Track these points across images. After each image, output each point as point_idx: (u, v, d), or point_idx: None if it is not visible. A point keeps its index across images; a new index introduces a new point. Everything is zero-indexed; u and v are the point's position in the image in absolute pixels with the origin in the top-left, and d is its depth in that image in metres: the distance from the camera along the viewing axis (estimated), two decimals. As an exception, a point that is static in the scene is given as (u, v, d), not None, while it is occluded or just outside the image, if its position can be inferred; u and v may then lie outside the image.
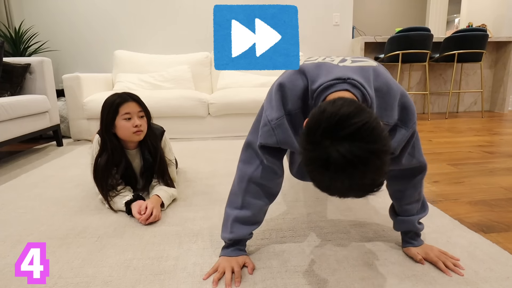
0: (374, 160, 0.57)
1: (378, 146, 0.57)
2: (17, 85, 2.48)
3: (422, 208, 1.03)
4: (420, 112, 4.48)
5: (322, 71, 0.80)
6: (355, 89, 0.75)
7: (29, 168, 2.07)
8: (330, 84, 0.75)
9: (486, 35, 3.72)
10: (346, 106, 0.60)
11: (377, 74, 0.82)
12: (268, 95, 0.90)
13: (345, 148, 0.56)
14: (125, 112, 1.37)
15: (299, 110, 0.85)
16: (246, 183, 0.96)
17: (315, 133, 0.60)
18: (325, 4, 3.84)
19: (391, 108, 0.82)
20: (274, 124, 0.85)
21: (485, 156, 2.21)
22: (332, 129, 0.58)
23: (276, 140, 0.86)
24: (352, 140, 0.57)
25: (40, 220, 1.33)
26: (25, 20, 3.60)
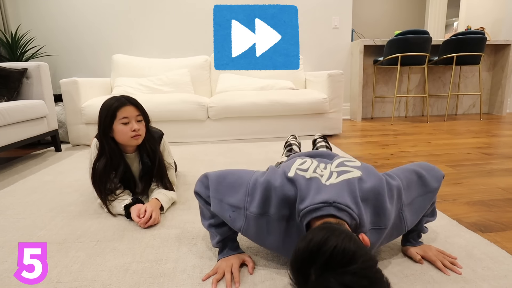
0: (359, 281, 0.57)
1: (357, 265, 0.58)
2: (14, 90, 2.48)
3: (432, 213, 1.04)
4: (419, 114, 4.49)
5: (311, 189, 0.82)
6: (341, 212, 0.77)
7: (27, 174, 2.07)
8: (316, 207, 0.78)
9: (485, 38, 3.74)
10: (315, 237, 0.62)
11: (362, 183, 0.85)
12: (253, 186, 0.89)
13: (329, 281, 0.57)
14: (123, 116, 1.37)
15: (283, 217, 0.86)
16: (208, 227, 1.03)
17: (297, 273, 0.62)
18: (324, 7, 3.87)
19: (383, 212, 0.85)
20: (250, 215, 0.87)
21: (483, 157, 2.21)
22: (308, 263, 0.60)
23: (242, 227, 0.89)
24: (330, 269, 0.58)
25: (39, 225, 1.33)
26: (21, 24, 3.60)
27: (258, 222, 0.88)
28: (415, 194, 0.93)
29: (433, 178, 0.96)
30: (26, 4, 3.59)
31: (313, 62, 4.00)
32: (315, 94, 3.03)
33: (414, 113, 4.49)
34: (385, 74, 4.30)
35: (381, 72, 4.29)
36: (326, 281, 0.58)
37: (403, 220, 0.90)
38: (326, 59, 4.03)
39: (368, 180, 0.86)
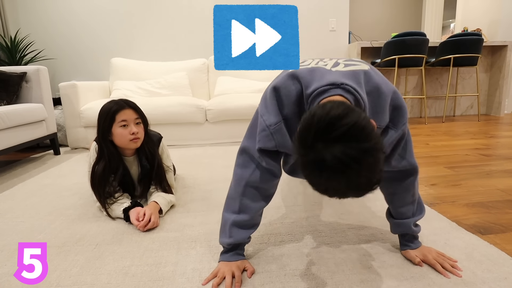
0: (367, 159, 0.58)
1: (370, 144, 0.58)
2: (13, 94, 2.48)
3: (419, 210, 1.03)
4: (417, 116, 4.50)
5: (315, 76, 0.81)
6: (349, 94, 0.76)
7: (26, 177, 2.06)
8: (323, 89, 0.76)
9: (481, 40, 3.75)
10: (335, 108, 0.61)
11: (368, 78, 0.83)
12: (263, 99, 0.90)
13: (337, 149, 0.57)
14: (122, 119, 1.37)
15: (294, 115, 0.85)
16: (243, 187, 0.96)
17: (307, 137, 0.61)
18: (321, 10, 3.88)
19: (383, 110, 0.83)
20: (272, 129, 0.85)
21: (481, 158, 2.22)
22: (323, 132, 0.59)
23: (275, 144, 0.87)
24: (343, 141, 0.58)
25: (38, 228, 1.33)
26: (21, 29, 3.61)
27: (283, 131, 0.86)
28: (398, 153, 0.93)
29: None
30: (25, 9, 3.59)
31: (311, 64, 4.00)
32: (313, 96, 3.02)
33: (412, 114, 4.50)
34: (383, 76, 4.31)
35: (379, 74, 4.29)
36: (334, 149, 0.58)
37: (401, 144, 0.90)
38: (326, 57, 4.03)
39: (376, 76, 0.84)
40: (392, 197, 1.02)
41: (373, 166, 0.59)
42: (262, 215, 1.05)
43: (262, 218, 1.32)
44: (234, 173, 0.99)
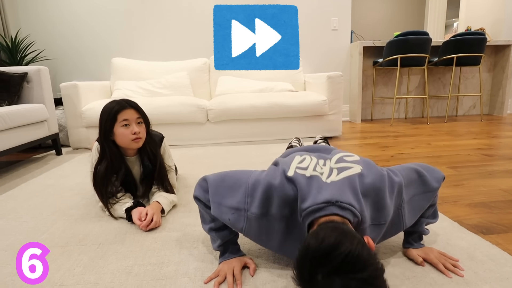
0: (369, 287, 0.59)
1: (368, 273, 0.59)
2: (15, 95, 2.48)
3: (433, 214, 1.04)
4: (419, 116, 4.50)
5: (312, 189, 0.82)
6: (344, 211, 0.77)
7: (29, 178, 2.07)
8: (319, 207, 0.78)
9: (485, 39, 3.74)
10: (328, 238, 0.62)
11: (362, 180, 0.85)
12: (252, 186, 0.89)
13: (337, 283, 0.58)
14: (123, 119, 1.38)
15: (284, 216, 0.86)
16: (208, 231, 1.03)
17: (305, 271, 0.62)
18: (323, 9, 3.88)
19: (383, 207, 0.85)
20: (252, 215, 0.87)
21: (484, 159, 2.21)
22: (319, 265, 0.61)
23: (243, 228, 0.89)
24: (341, 273, 0.59)
25: (41, 228, 1.33)
26: (21, 29, 3.61)
27: (259, 223, 0.87)
28: (414, 192, 0.94)
29: (433, 178, 0.96)
30: (26, 9, 3.60)
31: (312, 64, 4.01)
32: (314, 96, 3.03)
33: (414, 114, 4.49)
34: (384, 76, 4.31)
35: (380, 73, 4.29)
36: (333, 282, 0.58)
37: (402, 217, 0.91)
38: (325, 61, 4.04)
39: (369, 175, 0.86)
40: None
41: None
42: None
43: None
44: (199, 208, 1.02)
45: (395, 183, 0.88)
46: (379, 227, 0.86)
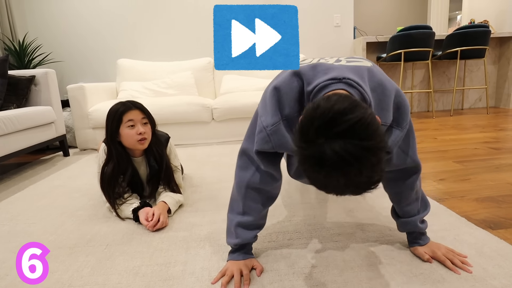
0: (369, 158, 0.56)
1: (373, 143, 0.56)
2: (23, 97, 2.51)
3: (423, 207, 1.02)
4: (424, 110, 4.47)
5: (317, 72, 0.79)
6: (352, 88, 0.73)
7: (37, 179, 2.09)
8: (325, 84, 0.74)
9: (489, 31, 3.70)
10: (340, 102, 0.59)
11: (372, 74, 0.82)
12: (262, 99, 0.88)
13: (339, 145, 0.56)
14: (129, 119, 1.39)
15: (297, 113, 0.83)
16: (245, 189, 0.96)
17: (308, 130, 0.59)
18: (325, 6, 3.86)
19: (387, 108, 0.81)
20: (269, 130, 0.83)
21: (491, 152, 2.19)
22: (325, 126, 0.57)
23: (272, 146, 0.85)
24: (346, 137, 0.56)
25: (49, 230, 1.35)
26: (28, 32, 3.65)
27: (281, 132, 0.83)
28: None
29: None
30: (33, 13, 3.63)
31: (317, 60, 3.98)
32: (319, 93, 3.01)
33: (419, 108, 4.46)
34: (388, 71, 4.28)
35: (384, 68, 4.27)
36: (334, 144, 0.56)
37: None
38: (326, 55, 4.01)
39: (378, 73, 0.83)
40: (396, 196, 1.01)
41: (375, 166, 0.57)
42: (267, 216, 1.05)
43: (270, 216, 1.33)
44: (236, 175, 0.99)
45: (404, 100, 0.84)
46: None
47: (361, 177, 0.57)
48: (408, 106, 0.85)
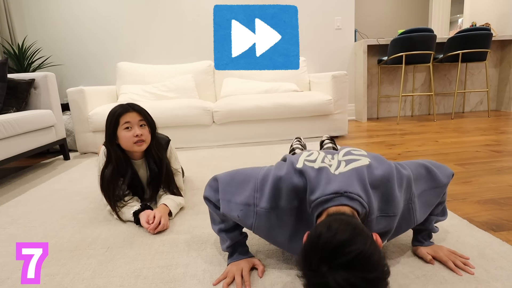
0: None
1: (375, 274, 0.59)
2: (22, 101, 2.51)
3: (442, 212, 1.03)
4: (425, 113, 4.47)
5: (321, 180, 0.82)
6: (353, 202, 0.77)
7: (37, 183, 2.09)
8: (328, 198, 0.77)
9: (490, 34, 3.71)
10: (341, 232, 0.62)
11: (371, 171, 0.85)
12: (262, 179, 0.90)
13: (342, 277, 0.58)
14: (125, 122, 1.38)
15: (293, 208, 0.86)
16: (218, 232, 1.03)
17: (312, 259, 0.62)
18: (326, 9, 3.87)
19: (393, 199, 0.84)
20: (260, 210, 0.87)
21: (492, 155, 2.19)
22: (328, 258, 0.60)
23: (251, 224, 0.89)
24: (349, 269, 0.58)
25: (50, 233, 1.34)
26: (28, 36, 3.66)
27: (269, 217, 0.87)
28: (424, 187, 0.93)
29: (442, 174, 0.95)
30: (32, 16, 3.64)
31: (317, 63, 4.00)
32: (319, 96, 3.02)
33: (420, 112, 4.46)
34: (389, 74, 4.28)
35: (385, 71, 4.27)
36: (337, 275, 0.58)
37: (412, 212, 0.89)
38: (329, 60, 4.03)
39: (378, 167, 0.86)
40: None
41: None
42: None
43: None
44: (209, 209, 1.03)
45: (403, 175, 0.88)
46: (387, 219, 0.85)
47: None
48: (409, 178, 0.89)
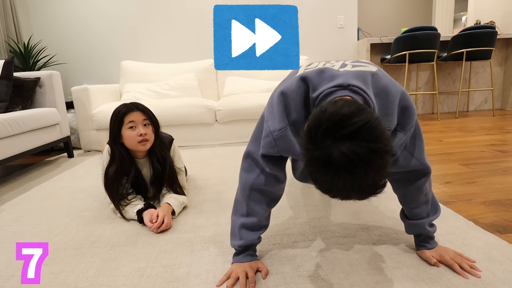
0: (375, 159, 0.57)
1: (380, 145, 0.57)
2: (28, 99, 2.53)
3: (433, 210, 1.01)
4: (429, 112, 4.44)
5: (323, 78, 0.79)
6: (357, 95, 0.74)
7: (42, 180, 2.10)
8: (331, 91, 0.75)
9: (495, 32, 3.68)
10: (347, 106, 0.60)
11: (376, 79, 0.81)
12: (269, 103, 0.89)
13: (346, 147, 0.56)
14: (130, 121, 1.39)
15: (303, 118, 0.83)
16: (249, 191, 0.96)
17: (316, 133, 0.60)
18: (329, 7, 3.85)
19: (391, 112, 0.81)
20: (276, 135, 0.84)
21: (498, 155, 2.17)
22: (333, 129, 0.58)
23: (278, 150, 0.86)
24: (353, 139, 0.57)
25: (54, 231, 1.35)
26: (33, 35, 3.68)
27: (288, 136, 0.84)
28: None
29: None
30: (37, 15, 3.65)
31: (321, 62, 3.98)
32: (324, 95, 3.00)
33: (424, 110, 4.44)
34: (393, 72, 4.26)
35: (388, 70, 4.25)
36: (342, 145, 0.57)
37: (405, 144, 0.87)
38: (332, 59, 4.01)
39: (383, 77, 0.83)
40: (404, 198, 1.00)
41: (381, 168, 0.58)
42: (270, 217, 1.05)
43: (274, 217, 1.33)
44: (240, 177, 1.00)
45: (410, 103, 0.84)
46: None
47: (367, 179, 0.58)
48: (414, 109, 0.84)
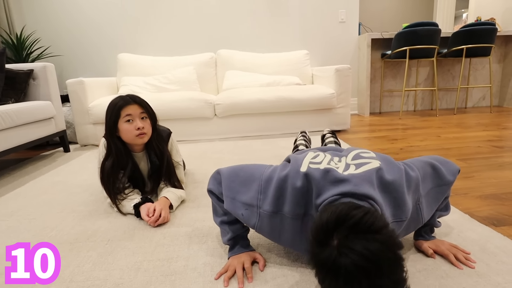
0: (385, 252, 0.56)
1: (384, 236, 0.57)
2: (21, 92, 2.48)
3: (446, 207, 1.02)
4: (428, 108, 4.44)
5: (327, 182, 0.79)
6: (362, 202, 0.74)
7: (37, 175, 2.08)
8: (334, 199, 0.76)
9: (495, 29, 3.67)
10: (341, 206, 0.63)
11: (380, 174, 0.82)
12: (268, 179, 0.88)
13: (357, 244, 0.56)
14: (127, 114, 1.37)
15: (298, 217, 0.83)
16: (220, 224, 1.03)
17: (319, 233, 0.61)
18: (331, 1, 3.84)
19: (403, 203, 0.82)
20: (263, 212, 0.85)
21: (494, 150, 2.18)
22: (334, 227, 0.60)
23: (254, 224, 0.88)
24: (358, 232, 0.58)
25: (50, 225, 1.34)
26: (26, 25, 3.61)
27: (272, 220, 0.85)
28: (430, 186, 0.91)
29: (448, 172, 0.94)
30: (30, 5, 3.59)
31: (320, 57, 3.98)
32: (322, 90, 3.00)
33: (423, 107, 4.44)
34: (393, 68, 4.26)
35: (389, 66, 4.24)
36: (351, 243, 0.57)
37: (420, 212, 0.88)
38: (333, 54, 4.00)
39: (389, 171, 0.83)
40: None
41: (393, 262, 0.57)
42: None
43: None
44: (212, 201, 1.02)
45: (412, 178, 0.85)
46: (400, 224, 0.83)
47: (382, 278, 0.56)
48: (418, 178, 0.87)
